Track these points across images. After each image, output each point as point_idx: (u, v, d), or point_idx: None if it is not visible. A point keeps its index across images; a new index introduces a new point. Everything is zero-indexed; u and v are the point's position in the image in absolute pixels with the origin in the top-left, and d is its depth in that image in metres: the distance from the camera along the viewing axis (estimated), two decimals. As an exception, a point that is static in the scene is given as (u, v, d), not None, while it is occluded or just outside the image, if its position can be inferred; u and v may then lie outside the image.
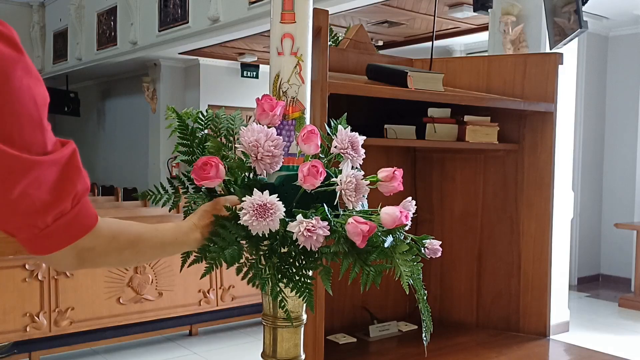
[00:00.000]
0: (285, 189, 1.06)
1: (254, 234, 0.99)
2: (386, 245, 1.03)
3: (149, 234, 0.99)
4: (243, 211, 0.98)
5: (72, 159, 0.84)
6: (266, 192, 0.99)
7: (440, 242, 1.13)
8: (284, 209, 0.99)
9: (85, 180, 0.87)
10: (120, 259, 0.98)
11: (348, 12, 6.55)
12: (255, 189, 1.00)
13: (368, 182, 1.09)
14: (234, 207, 1.04)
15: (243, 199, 1.00)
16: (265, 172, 1.05)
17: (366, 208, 1.11)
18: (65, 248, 0.87)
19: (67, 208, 0.84)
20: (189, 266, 1.08)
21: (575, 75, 5.18)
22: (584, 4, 4.16)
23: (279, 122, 1.09)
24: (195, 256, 1.03)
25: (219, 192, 1.10)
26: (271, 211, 0.98)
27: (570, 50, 4.60)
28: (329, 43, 1.77)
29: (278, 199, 0.99)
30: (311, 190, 1.04)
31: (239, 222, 1.00)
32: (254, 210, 0.97)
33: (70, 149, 0.84)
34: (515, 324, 2.35)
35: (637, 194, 6.86)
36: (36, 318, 4.00)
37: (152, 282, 4.50)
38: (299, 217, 1.00)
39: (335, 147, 1.11)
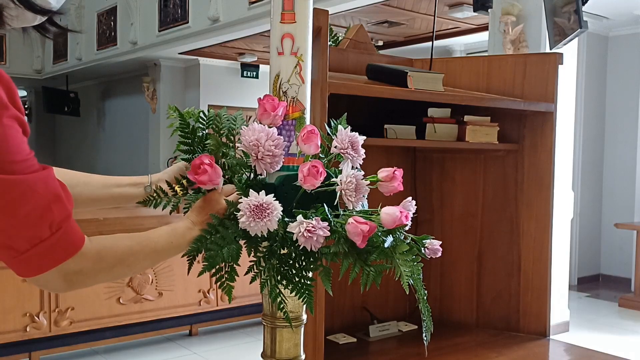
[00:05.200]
0: (286, 189, 1.06)
1: (252, 235, 0.99)
2: (386, 245, 1.03)
3: (140, 246, 0.99)
4: (240, 213, 0.98)
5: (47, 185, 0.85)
6: (262, 193, 0.99)
7: (440, 242, 1.13)
8: (282, 209, 0.99)
9: (65, 207, 0.88)
10: (112, 276, 0.98)
11: (348, 12, 6.55)
12: (251, 189, 1.00)
13: (368, 182, 1.09)
14: (231, 199, 1.03)
15: (240, 200, 1.00)
16: (265, 171, 1.05)
17: (366, 208, 1.11)
18: (51, 271, 0.88)
19: (45, 235, 0.85)
20: (199, 275, 1.07)
21: (575, 75, 5.18)
22: (584, 4, 4.16)
23: (280, 122, 1.09)
24: (203, 265, 1.02)
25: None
26: (268, 211, 0.97)
27: (570, 50, 4.60)
28: (329, 43, 1.77)
29: (277, 199, 0.99)
30: (311, 190, 1.04)
31: (235, 220, 0.99)
32: (250, 212, 0.97)
33: (44, 174, 0.85)
34: (515, 324, 2.35)
35: (637, 194, 6.86)
36: (36, 318, 4.00)
37: (152, 282, 4.50)
38: (299, 217, 1.00)
39: (335, 147, 1.11)
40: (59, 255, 0.87)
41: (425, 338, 1.10)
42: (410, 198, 1.12)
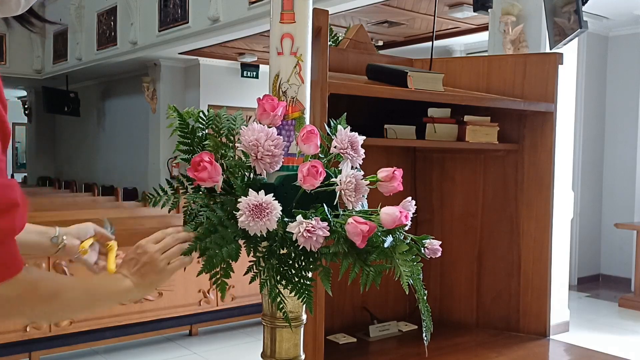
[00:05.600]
0: (285, 189, 1.06)
1: (252, 235, 0.99)
2: (386, 245, 1.03)
3: (72, 284, 0.99)
4: (239, 212, 0.98)
5: None
6: (262, 192, 0.99)
7: (440, 242, 1.13)
8: (281, 208, 0.99)
9: (13, 222, 0.78)
10: (40, 311, 0.92)
11: (348, 12, 6.55)
12: (250, 189, 1.00)
13: (368, 182, 1.09)
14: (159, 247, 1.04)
15: (239, 200, 0.99)
16: (265, 171, 1.05)
17: (366, 208, 1.11)
18: None
19: None
20: (198, 275, 1.07)
21: (575, 75, 5.18)
22: (584, 4, 4.16)
23: (280, 122, 1.09)
24: (202, 263, 1.03)
25: (218, 192, 1.09)
26: (267, 211, 0.97)
27: (570, 50, 4.60)
28: (329, 43, 1.77)
29: (277, 199, 0.99)
30: (311, 190, 1.04)
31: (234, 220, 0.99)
32: (249, 211, 0.97)
33: (8, 182, 0.79)
34: (515, 324, 2.35)
35: (637, 194, 6.86)
36: (36, 318, 4.00)
37: (152, 282, 4.49)
38: (299, 217, 1.00)
39: (335, 147, 1.11)
40: None
41: (425, 338, 1.10)
42: (410, 198, 1.12)
